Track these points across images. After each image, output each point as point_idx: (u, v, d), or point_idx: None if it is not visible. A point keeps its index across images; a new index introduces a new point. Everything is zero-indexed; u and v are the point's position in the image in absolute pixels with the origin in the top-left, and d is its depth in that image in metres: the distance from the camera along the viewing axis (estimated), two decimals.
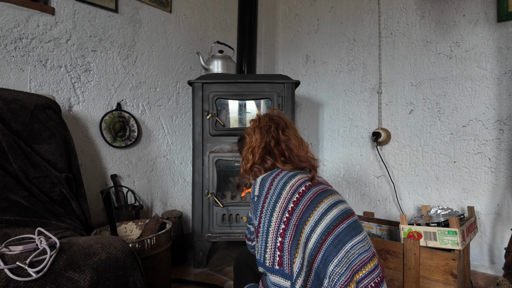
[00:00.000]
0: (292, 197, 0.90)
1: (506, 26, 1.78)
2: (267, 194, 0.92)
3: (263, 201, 0.91)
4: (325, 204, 0.91)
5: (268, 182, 0.95)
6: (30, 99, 1.36)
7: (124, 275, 1.02)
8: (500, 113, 1.82)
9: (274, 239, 0.85)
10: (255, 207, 0.92)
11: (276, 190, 0.92)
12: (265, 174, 1.00)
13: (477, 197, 1.88)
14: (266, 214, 0.88)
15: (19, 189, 1.20)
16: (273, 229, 0.86)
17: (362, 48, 2.38)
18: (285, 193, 0.91)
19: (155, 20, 2.19)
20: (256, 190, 0.95)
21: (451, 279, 1.42)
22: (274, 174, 0.98)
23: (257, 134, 1.09)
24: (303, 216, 0.87)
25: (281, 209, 0.88)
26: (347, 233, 0.87)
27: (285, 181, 0.94)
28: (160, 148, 2.23)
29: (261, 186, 0.95)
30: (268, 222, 0.87)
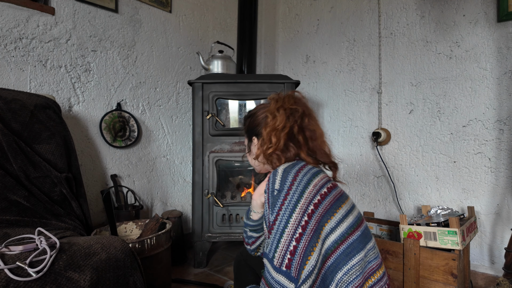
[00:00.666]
0: (314, 199, 0.82)
1: (506, 26, 1.78)
2: (289, 190, 0.82)
3: (284, 197, 0.81)
4: (343, 210, 0.85)
5: (291, 176, 0.84)
6: (30, 99, 1.36)
7: (124, 275, 1.02)
8: (500, 113, 1.82)
9: (287, 242, 0.78)
10: (273, 202, 0.82)
11: (299, 187, 0.82)
12: (287, 165, 0.88)
13: (477, 197, 1.88)
14: (285, 213, 0.80)
15: (19, 189, 1.20)
16: (289, 232, 0.78)
17: (362, 48, 2.38)
18: (307, 193, 0.82)
19: (155, 20, 2.19)
20: (276, 183, 0.84)
21: (451, 279, 1.42)
22: (297, 167, 0.87)
23: (281, 115, 0.95)
24: (321, 220, 0.81)
25: (301, 211, 0.80)
26: (361, 240, 0.84)
27: (309, 178, 0.85)
28: (160, 148, 2.23)
29: (283, 179, 0.84)
30: (285, 223, 0.79)
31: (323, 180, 0.87)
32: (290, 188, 0.82)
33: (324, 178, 0.88)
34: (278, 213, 0.81)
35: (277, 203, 0.81)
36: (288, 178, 0.84)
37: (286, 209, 0.80)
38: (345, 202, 0.87)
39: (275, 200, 0.82)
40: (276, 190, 0.83)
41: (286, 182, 0.83)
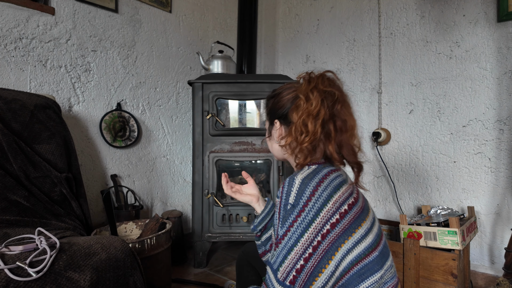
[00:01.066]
0: (332, 218, 0.73)
1: (506, 26, 1.78)
2: (305, 206, 0.73)
3: (298, 214, 0.73)
4: (363, 229, 0.77)
5: (309, 190, 0.74)
6: (30, 99, 1.36)
7: (124, 275, 1.02)
8: (500, 113, 1.82)
9: (295, 261, 0.71)
10: (285, 216, 0.74)
11: (316, 204, 0.73)
12: (306, 173, 0.77)
13: (477, 197, 1.88)
14: (296, 231, 0.72)
15: (19, 189, 1.20)
16: (298, 250, 0.72)
17: (362, 48, 2.38)
18: (325, 211, 0.73)
19: (155, 20, 2.19)
20: (291, 196, 0.74)
21: (451, 279, 1.42)
22: (318, 178, 0.76)
23: (316, 99, 0.81)
24: (337, 241, 0.73)
25: (315, 231, 0.72)
26: (377, 261, 0.77)
27: (329, 194, 0.74)
28: (160, 148, 2.23)
29: (300, 192, 0.74)
30: (295, 241, 0.72)
31: (345, 194, 0.77)
32: (306, 205, 0.73)
33: (347, 191, 0.78)
34: (288, 229, 0.73)
35: (289, 219, 0.73)
36: (305, 192, 0.74)
37: (298, 227, 0.72)
38: (366, 219, 0.79)
39: (288, 214, 0.74)
40: (290, 204, 0.74)
41: (303, 197, 0.73)
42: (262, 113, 2.15)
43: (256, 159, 2.03)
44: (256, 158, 2.02)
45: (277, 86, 2.14)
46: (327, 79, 0.86)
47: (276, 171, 1.96)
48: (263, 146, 1.98)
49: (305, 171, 0.78)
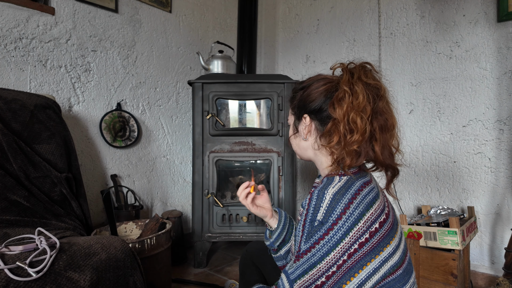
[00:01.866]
0: (361, 237, 0.68)
1: (506, 26, 1.78)
2: (334, 225, 0.67)
3: (326, 232, 0.67)
4: (391, 247, 0.71)
5: (340, 208, 0.67)
6: (30, 99, 1.36)
7: (124, 275, 1.02)
8: (500, 113, 1.82)
9: (316, 277, 0.67)
10: (310, 232, 0.68)
11: (346, 223, 0.67)
12: (338, 189, 0.70)
13: (477, 197, 1.88)
14: (321, 249, 0.67)
15: (19, 189, 1.20)
16: (321, 268, 0.67)
17: (362, 48, 2.38)
18: (355, 231, 0.67)
19: (155, 20, 2.19)
20: (320, 212, 0.68)
21: (451, 279, 1.42)
22: (350, 196, 0.69)
23: (362, 92, 0.73)
24: (363, 259, 0.68)
25: (342, 250, 0.67)
26: (400, 279, 0.72)
27: (361, 213, 0.68)
28: (160, 148, 2.23)
29: (330, 209, 0.67)
30: (319, 259, 0.67)
31: (377, 211, 0.71)
32: (335, 223, 0.67)
33: (379, 207, 0.72)
34: (313, 246, 0.68)
35: (315, 236, 0.68)
36: (336, 209, 0.67)
37: (324, 246, 0.67)
38: (395, 236, 0.73)
39: (314, 231, 0.68)
40: (318, 221, 0.68)
41: (333, 214, 0.67)
42: (262, 113, 2.15)
43: (256, 159, 2.03)
44: (256, 158, 2.02)
45: (277, 86, 2.15)
46: (369, 71, 0.79)
47: (276, 171, 1.96)
48: (263, 146, 1.98)
49: (336, 184, 0.71)
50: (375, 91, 0.75)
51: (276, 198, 1.96)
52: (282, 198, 1.96)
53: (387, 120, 0.76)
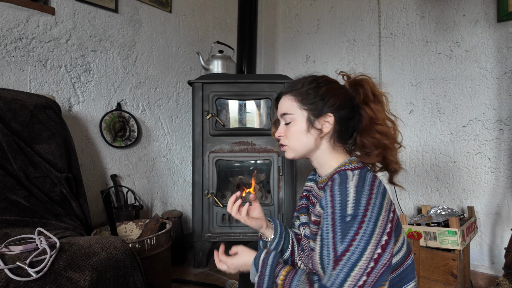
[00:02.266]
0: (386, 227, 0.70)
1: (506, 26, 1.78)
2: (364, 217, 0.68)
3: (358, 226, 0.67)
4: (402, 237, 0.77)
5: (364, 199, 0.69)
6: (30, 99, 1.36)
7: (124, 275, 1.02)
8: (500, 113, 1.82)
9: (358, 277, 0.66)
10: (345, 229, 0.68)
11: (373, 213, 0.69)
12: (356, 181, 0.73)
13: (477, 197, 1.88)
14: (359, 246, 0.66)
15: (19, 189, 1.20)
16: (362, 266, 0.66)
17: (362, 48, 2.38)
18: (380, 221, 0.69)
19: (155, 20, 2.19)
20: (349, 206, 0.69)
21: (451, 279, 1.42)
22: (368, 186, 0.72)
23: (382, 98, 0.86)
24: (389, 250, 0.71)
25: (375, 242, 0.67)
26: (411, 270, 0.76)
27: (380, 202, 0.71)
28: (160, 148, 2.23)
29: (357, 201, 0.69)
30: (358, 257, 0.66)
31: (390, 200, 0.75)
32: (365, 215, 0.68)
33: (389, 197, 0.76)
34: (350, 244, 0.67)
35: (350, 232, 0.67)
36: (361, 201, 0.69)
37: (361, 240, 0.67)
38: (401, 226, 0.78)
39: (348, 227, 0.68)
40: (350, 215, 0.68)
41: (360, 206, 0.69)
42: (262, 113, 2.15)
43: (256, 159, 2.03)
44: (256, 158, 2.02)
45: (277, 86, 2.14)
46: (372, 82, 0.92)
47: (276, 171, 1.96)
48: (263, 146, 1.98)
49: (354, 178, 0.74)
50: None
51: (276, 198, 1.96)
52: (282, 198, 1.96)
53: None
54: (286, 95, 0.88)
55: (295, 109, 0.85)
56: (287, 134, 0.87)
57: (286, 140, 0.88)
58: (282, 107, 0.88)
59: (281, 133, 0.89)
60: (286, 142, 0.88)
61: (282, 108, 0.88)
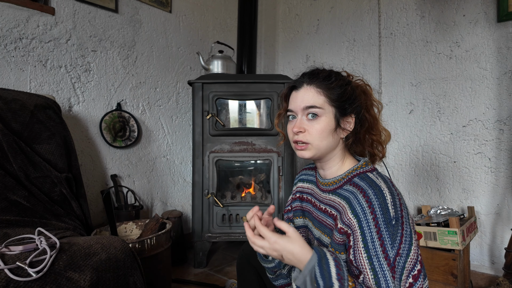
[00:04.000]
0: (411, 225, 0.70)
1: (506, 26, 1.78)
2: (403, 218, 0.67)
3: (402, 227, 0.65)
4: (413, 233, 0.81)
5: (398, 201, 0.68)
6: (30, 99, 1.36)
7: (124, 275, 1.02)
8: (500, 113, 1.82)
9: (404, 281, 0.64)
10: (392, 234, 0.65)
11: (405, 213, 0.68)
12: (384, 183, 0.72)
13: (477, 197, 1.88)
14: (404, 248, 0.65)
15: (19, 189, 1.20)
16: (407, 267, 0.65)
17: (362, 48, 2.38)
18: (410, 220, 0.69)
19: (155, 20, 2.19)
20: (390, 209, 0.66)
21: (451, 279, 1.42)
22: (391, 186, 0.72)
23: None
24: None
25: (416, 243, 0.67)
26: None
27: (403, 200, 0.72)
28: (160, 148, 2.23)
29: (394, 203, 0.67)
30: (405, 258, 0.64)
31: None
32: (402, 215, 0.67)
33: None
34: (399, 247, 0.64)
35: (398, 236, 0.65)
36: (396, 202, 0.68)
37: (405, 241, 0.65)
38: None
39: (395, 231, 0.65)
40: (394, 218, 0.65)
41: (397, 208, 0.67)
42: (262, 113, 2.15)
43: (256, 159, 2.03)
44: (256, 158, 2.02)
45: (277, 86, 2.14)
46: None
47: (276, 171, 1.96)
48: (263, 146, 1.98)
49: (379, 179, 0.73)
50: None
51: (276, 198, 1.96)
52: (282, 198, 1.96)
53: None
54: (311, 86, 0.79)
55: (324, 103, 0.77)
56: (310, 130, 0.78)
57: (308, 137, 0.78)
58: (307, 98, 0.78)
59: (302, 128, 0.78)
60: (308, 139, 0.78)
61: (307, 99, 0.78)
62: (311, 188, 0.93)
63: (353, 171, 0.79)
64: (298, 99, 0.80)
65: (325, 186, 0.85)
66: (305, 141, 0.78)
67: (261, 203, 1.98)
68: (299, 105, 0.79)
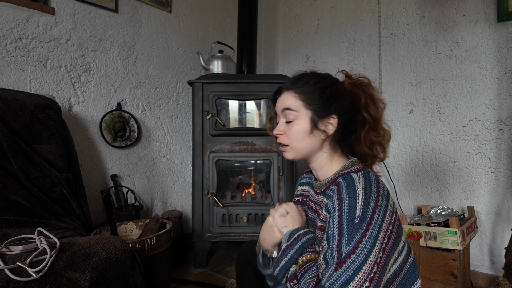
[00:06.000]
0: (388, 230, 0.69)
1: (506, 26, 1.78)
2: (371, 219, 0.67)
3: (366, 228, 0.67)
4: (403, 237, 0.76)
5: (373, 201, 0.69)
6: (30, 99, 1.36)
7: (124, 275, 1.02)
8: (500, 113, 1.82)
9: (361, 282, 0.64)
10: (351, 231, 0.67)
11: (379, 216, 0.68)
12: (364, 183, 0.72)
13: (477, 197, 1.88)
14: (365, 248, 0.65)
15: (19, 189, 1.20)
16: (366, 270, 0.64)
17: (362, 48, 2.38)
18: (385, 223, 0.69)
19: (155, 20, 2.19)
20: (358, 208, 0.68)
21: (451, 279, 1.42)
22: (375, 187, 0.72)
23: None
24: (390, 253, 0.70)
25: (379, 245, 0.67)
26: (414, 268, 0.77)
27: (386, 203, 0.71)
28: (160, 148, 2.23)
29: (365, 204, 0.69)
30: (363, 260, 0.65)
31: (392, 200, 0.75)
32: (372, 217, 0.68)
33: (391, 198, 0.76)
34: (357, 246, 0.66)
35: (358, 234, 0.66)
36: (370, 203, 0.69)
37: (367, 243, 0.66)
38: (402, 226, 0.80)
39: (356, 229, 0.67)
40: (358, 217, 0.67)
41: (369, 208, 0.68)
42: (262, 113, 2.15)
43: (256, 159, 2.03)
44: (256, 158, 2.02)
45: (277, 86, 2.14)
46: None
47: (276, 171, 1.96)
48: (263, 146, 1.98)
49: (360, 180, 0.73)
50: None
51: (276, 198, 1.96)
52: (282, 198, 1.96)
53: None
54: (289, 92, 0.84)
55: (299, 107, 0.82)
56: (287, 133, 0.83)
57: (286, 139, 0.83)
58: (284, 102, 0.84)
59: (281, 131, 0.84)
60: (287, 141, 0.83)
61: (284, 102, 0.84)
62: (308, 191, 0.96)
63: (340, 172, 0.81)
64: (278, 103, 0.87)
65: (318, 188, 0.88)
66: (284, 143, 0.84)
67: (261, 203, 1.98)
68: (279, 107, 0.86)
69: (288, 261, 0.74)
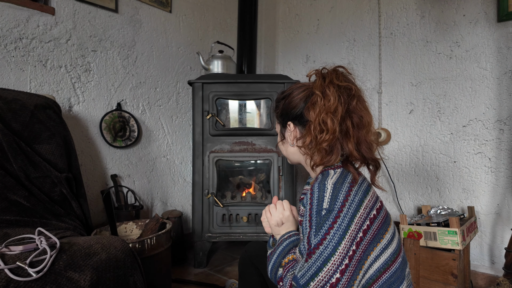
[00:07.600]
0: (363, 224, 0.71)
1: (506, 26, 1.78)
2: (340, 212, 0.69)
3: (334, 220, 0.69)
4: (389, 235, 0.76)
5: (342, 195, 0.71)
6: (30, 99, 1.36)
7: (124, 275, 1.02)
8: (500, 113, 1.82)
9: (330, 274, 0.66)
10: (319, 223, 0.69)
11: (350, 209, 0.70)
12: (335, 178, 0.74)
13: (477, 197, 1.88)
14: (333, 239, 0.67)
15: (19, 189, 1.20)
16: (335, 261, 0.66)
17: (362, 48, 2.38)
18: (358, 217, 0.70)
19: (155, 20, 2.19)
20: (325, 201, 0.70)
21: (451, 279, 1.42)
22: (348, 183, 0.73)
23: (333, 94, 0.77)
24: (367, 249, 0.71)
25: (351, 238, 0.69)
26: (402, 268, 0.77)
27: (360, 199, 0.73)
28: (160, 148, 2.23)
29: (333, 197, 0.71)
30: (332, 251, 0.67)
31: (373, 199, 0.77)
32: (341, 210, 0.70)
33: (374, 196, 0.78)
34: (324, 237, 0.68)
35: (325, 226, 0.69)
36: (339, 197, 0.71)
37: (335, 234, 0.68)
38: (390, 224, 0.79)
39: (323, 221, 0.69)
40: (325, 209, 0.70)
41: (337, 201, 0.70)
42: (262, 113, 2.15)
43: (256, 159, 2.03)
44: (256, 158, 2.02)
45: (277, 86, 2.14)
46: (341, 73, 0.82)
47: (276, 171, 1.96)
48: (263, 146, 1.98)
49: (333, 176, 0.75)
50: (347, 92, 0.80)
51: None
52: (282, 198, 1.96)
53: (362, 118, 0.81)
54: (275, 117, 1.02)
55: (276, 124, 0.96)
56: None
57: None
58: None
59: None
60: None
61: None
62: (307, 189, 1.02)
63: (322, 169, 0.84)
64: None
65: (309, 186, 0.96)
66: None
67: (261, 203, 1.98)
68: None
69: (273, 265, 0.82)
